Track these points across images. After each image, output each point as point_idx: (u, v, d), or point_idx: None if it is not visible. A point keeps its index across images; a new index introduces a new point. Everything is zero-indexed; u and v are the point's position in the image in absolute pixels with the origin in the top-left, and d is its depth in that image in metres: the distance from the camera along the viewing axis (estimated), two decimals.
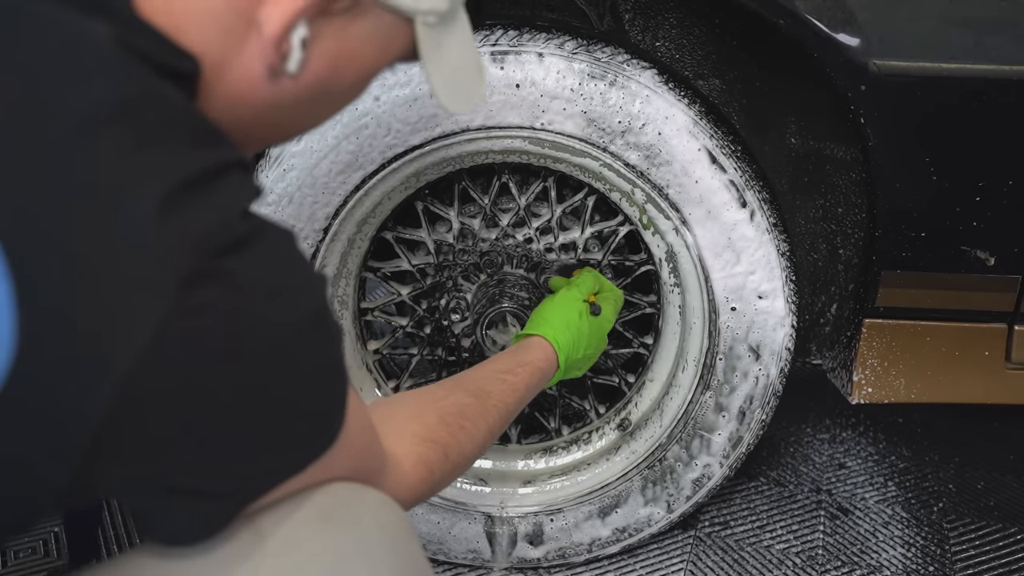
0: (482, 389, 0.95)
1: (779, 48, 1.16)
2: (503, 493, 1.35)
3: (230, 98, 0.58)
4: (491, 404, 0.94)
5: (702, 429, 1.28)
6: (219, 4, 0.56)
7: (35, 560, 1.38)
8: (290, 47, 0.58)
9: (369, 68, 0.66)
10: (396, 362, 1.44)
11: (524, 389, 1.01)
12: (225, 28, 0.56)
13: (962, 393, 1.25)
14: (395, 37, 0.65)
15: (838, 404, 1.87)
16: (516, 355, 1.07)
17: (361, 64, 0.65)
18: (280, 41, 0.58)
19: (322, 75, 0.62)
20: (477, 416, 0.91)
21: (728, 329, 1.22)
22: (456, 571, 1.39)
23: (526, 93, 1.11)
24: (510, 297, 1.25)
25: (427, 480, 0.81)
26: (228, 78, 0.58)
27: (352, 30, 0.62)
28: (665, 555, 1.41)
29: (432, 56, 0.66)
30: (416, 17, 0.64)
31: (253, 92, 0.59)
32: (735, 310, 1.21)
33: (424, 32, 0.65)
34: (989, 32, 1.04)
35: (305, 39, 0.59)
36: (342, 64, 0.63)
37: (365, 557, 0.63)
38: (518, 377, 1.01)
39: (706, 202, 1.16)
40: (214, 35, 0.56)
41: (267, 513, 0.61)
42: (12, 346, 0.45)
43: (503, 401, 0.96)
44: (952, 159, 1.10)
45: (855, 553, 1.44)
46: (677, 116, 1.12)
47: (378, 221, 1.25)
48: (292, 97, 0.61)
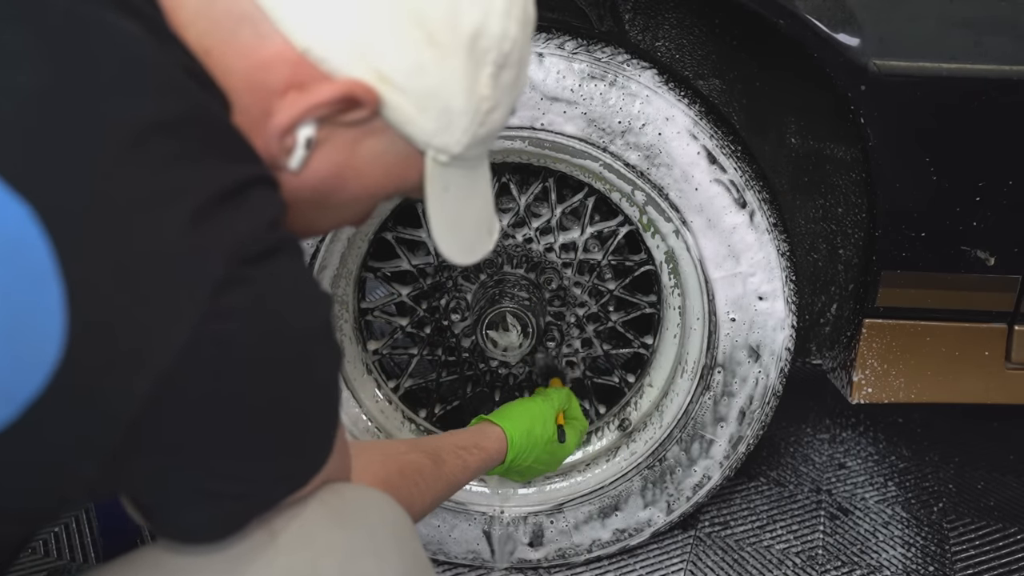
0: (440, 457, 0.97)
1: (779, 48, 1.16)
2: (503, 494, 1.35)
3: None
4: (444, 472, 0.96)
5: (702, 429, 1.28)
6: (241, 83, 0.58)
7: (35, 560, 1.39)
8: (294, 143, 0.60)
9: (373, 189, 0.66)
10: (396, 362, 1.44)
11: (473, 470, 1.04)
12: (245, 107, 0.59)
13: (962, 393, 1.25)
14: (404, 165, 0.65)
15: (838, 404, 1.87)
16: (475, 437, 1.09)
17: (365, 182, 0.65)
18: (284, 134, 0.59)
19: (324, 182, 0.63)
20: (431, 479, 0.93)
21: (728, 330, 1.22)
22: (456, 571, 1.39)
23: (526, 94, 1.11)
24: (510, 297, 1.24)
25: None
26: None
27: (363, 146, 0.63)
28: (665, 555, 1.41)
29: (436, 195, 0.66)
30: (427, 151, 0.64)
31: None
32: (735, 311, 1.21)
33: (433, 169, 0.65)
34: (989, 32, 1.04)
35: (311, 139, 0.60)
36: (346, 176, 0.64)
37: (374, 554, 0.65)
38: (472, 457, 1.04)
39: (706, 201, 1.16)
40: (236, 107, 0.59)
41: (279, 512, 0.63)
42: (62, 343, 0.47)
43: (454, 474, 0.99)
44: (952, 159, 1.10)
45: (855, 553, 1.44)
46: (677, 116, 1.12)
47: (378, 221, 1.25)
48: (291, 194, 0.61)
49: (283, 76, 0.58)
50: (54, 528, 1.44)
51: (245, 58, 0.58)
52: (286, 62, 0.58)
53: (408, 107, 0.61)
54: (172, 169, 0.51)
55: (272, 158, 0.60)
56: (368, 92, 0.59)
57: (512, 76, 0.65)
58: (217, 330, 0.51)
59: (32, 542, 0.63)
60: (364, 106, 0.60)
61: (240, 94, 0.58)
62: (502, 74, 0.64)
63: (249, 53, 0.58)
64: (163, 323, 0.50)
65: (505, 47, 0.63)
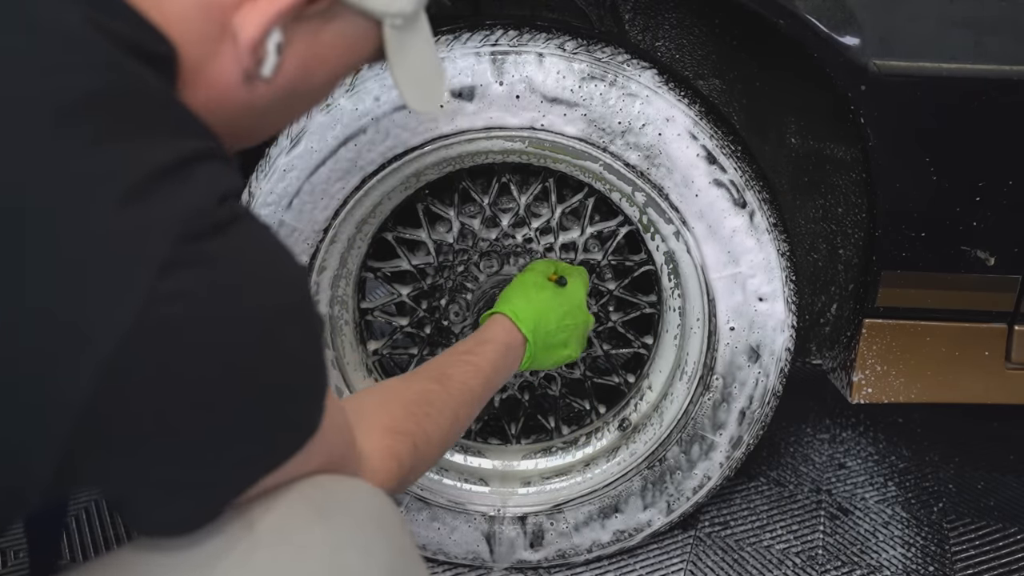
0: (444, 374, 0.94)
1: (779, 48, 1.16)
2: (503, 493, 1.35)
3: (206, 101, 0.59)
4: (455, 387, 0.93)
5: (702, 430, 1.28)
6: (192, 9, 0.57)
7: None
8: (266, 52, 0.59)
9: (338, 69, 0.68)
10: (396, 362, 1.44)
11: (490, 368, 0.99)
12: (200, 32, 0.57)
13: (962, 393, 1.25)
14: (363, 39, 0.66)
15: (838, 404, 1.87)
16: (477, 336, 1.05)
17: (331, 65, 0.66)
18: (256, 47, 0.59)
19: (294, 78, 0.63)
20: (441, 402, 0.90)
21: (727, 330, 1.22)
22: (456, 571, 1.39)
23: (526, 95, 1.11)
24: None
25: (397, 474, 0.80)
26: (203, 82, 0.59)
27: (323, 33, 0.63)
28: (665, 555, 1.41)
29: (398, 59, 0.69)
30: (384, 20, 0.66)
31: (228, 96, 0.60)
32: (734, 311, 1.21)
33: (391, 34, 0.67)
34: (989, 32, 1.04)
35: (280, 44, 0.60)
36: (313, 66, 0.64)
37: (358, 548, 0.62)
38: (481, 357, 1.00)
39: (705, 201, 1.16)
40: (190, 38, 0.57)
41: (257, 505, 0.60)
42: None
43: (466, 383, 0.95)
44: (952, 159, 1.10)
45: (855, 553, 1.44)
46: (677, 116, 1.12)
47: (378, 221, 1.25)
48: (265, 101, 0.62)
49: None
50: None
51: None
52: None
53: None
54: (102, 147, 0.49)
55: (245, 72, 0.60)
56: None
57: None
58: (164, 314, 0.48)
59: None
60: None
61: (192, 24, 0.57)
62: None
63: None
64: (102, 309, 0.47)
65: None
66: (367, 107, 1.11)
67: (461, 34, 1.11)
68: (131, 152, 0.50)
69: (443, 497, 1.34)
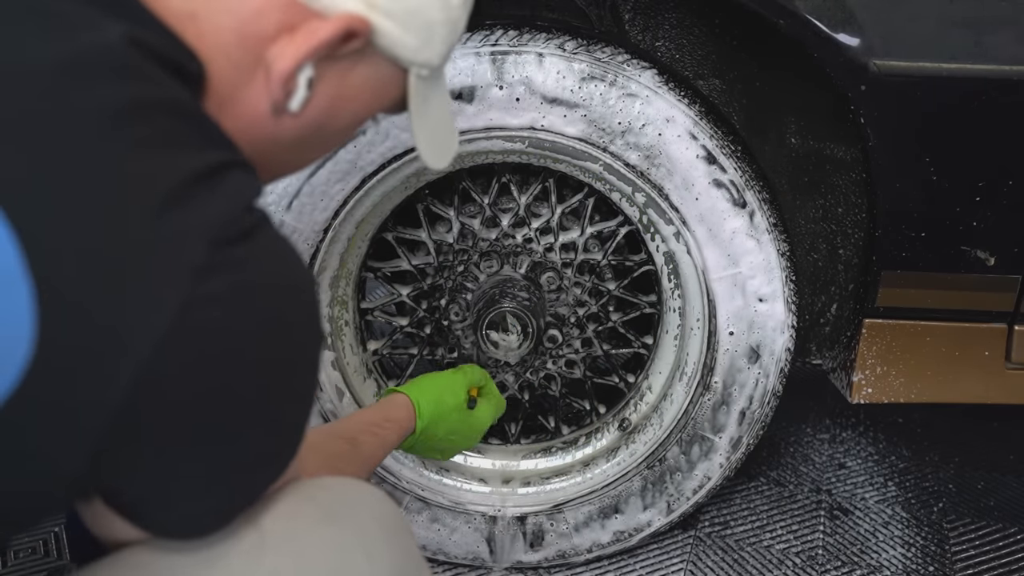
0: (355, 439, 0.97)
1: (779, 48, 1.16)
2: (503, 493, 1.35)
3: (232, 129, 0.60)
4: (363, 453, 0.97)
5: (702, 430, 1.28)
6: (230, 35, 0.59)
7: (35, 560, 1.38)
8: (296, 86, 0.62)
9: (362, 113, 0.70)
10: (396, 362, 1.44)
11: (389, 443, 1.04)
12: (235, 59, 0.59)
13: (962, 393, 1.25)
14: (390, 85, 0.69)
15: (838, 404, 1.87)
16: (383, 410, 1.08)
17: (356, 108, 0.68)
18: (288, 79, 0.61)
19: (320, 115, 0.65)
20: (350, 463, 0.93)
21: (727, 330, 1.22)
22: (456, 571, 1.39)
23: (526, 96, 1.11)
24: (510, 297, 1.24)
25: None
26: (231, 109, 0.61)
27: (352, 75, 0.65)
28: (665, 555, 1.41)
29: (419, 109, 0.71)
30: (411, 69, 0.68)
31: (255, 126, 0.62)
32: (734, 312, 1.21)
33: (415, 84, 0.69)
34: (989, 32, 1.04)
35: (311, 79, 0.62)
36: (340, 106, 0.66)
37: (364, 550, 0.64)
38: (385, 432, 1.04)
39: (705, 201, 1.16)
40: (224, 63, 0.59)
41: (265, 507, 0.62)
42: (32, 340, 0.47)
43: (373, 453, 0.99)
44: (952, 159, 1.10)
45: (855, 553, 1.43)
46: (677, 116, 1.12)
47: (378, 221, 1.25)
48: (290, 135, 0.64)
49: (274, 21, 0.60)
50: (54, 528, 1.44)
51: (233, 11, 0.59)
52: (276, 6, 0.60)
53: (395, 29, 0.64)
54: (140, 155, 0.51)
55: (275, 103, 0.62)
56: (363, 23, 0.62)
57: None
58: (201, 318, 0.50)
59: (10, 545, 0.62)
60: (360, 37, 0.62)
61: (229, 50, 0.59)
62: None
63: (237, 5, 0.59)
64: (140, 313, 0.49)
65: None
66: None
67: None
68: (168, 159, 0.52)
69: (443, 497, 1.34)
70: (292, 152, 0.69)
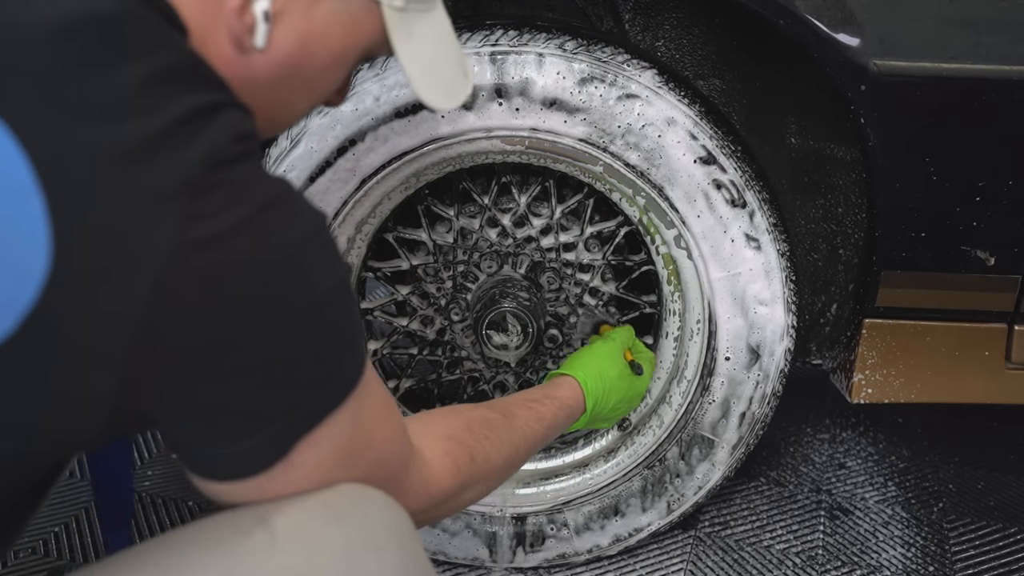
0: (509, 411, 0.96)
1: (779, 48, 1.16)
2: (503, 493, 1.35)
3: None
4: (517, 425, 0.95)
5: (702, 430, 1.28)
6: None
7: (35, 560, 1.39)
8: (253, 19, 0.62)
9: (340, 50, 0.68)
10: (397, 362, 1.44)
11: (550, 419, 1.02)
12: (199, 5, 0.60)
13: (962, 393, 1.25)
14: (362, 19, 0.67)
15: (838, 404, 1.87)
16: (546, 389, 1.08)
17: (331, 45, 0.67)
18: (242, 12, 0.61)
19: (292, 53, 0.65)
20: (503, 431, 0.91)
21: (727, 330, 1.22)
22: (456, 571, 1.39)
23: (528, 94, 1.11)
24: (511, 297, 1.24)
25: (454, 474, 0.81)
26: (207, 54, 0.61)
27: (317, 9, 0.65)
28: (665, 555, 1.41)
29: (404, 44, 0.69)
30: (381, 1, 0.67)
31: (228, 68, 0.62)
32: (734, 311, 1.21)
33: (392, 16, 0.67)
34: (989, 32, 1.04)
35: (267, 12, 0.62)
36: (311, 43, 0.65)
37: (373, 553, 0.64)
38: (545, 407, 1.02)
39: (705, 201, 1.16)
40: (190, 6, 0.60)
41: (278, 510, 0.62)
42: (49, 253, 0.49)
43: (528, 425, 0.97)
44: (952, 159, 1.10)
45: (855, 553, 1.44)
46: (677, 117, 1.12)
47: (378, 221, 1.25)
48: (265, 75, 0.64)
49: None
50: (54, 528, 1.44)
51: None
52: None
53: None
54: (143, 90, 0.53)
55: (237, 40, 0.62)
56: None
57: None
58: (203, 235, 0.52)
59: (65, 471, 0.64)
60: None
61: None
62: None
63: None
64: (147, 229, 0.51)
65: None
66: (367, 107, 1.11)
67: (461, 34, 1.11)
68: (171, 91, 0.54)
69: None
70: (278, 95, 0.68)
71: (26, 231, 0.49)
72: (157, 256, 0.51)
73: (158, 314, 0.51)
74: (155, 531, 1.45)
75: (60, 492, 1.52)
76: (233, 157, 0.55)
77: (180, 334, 0.53)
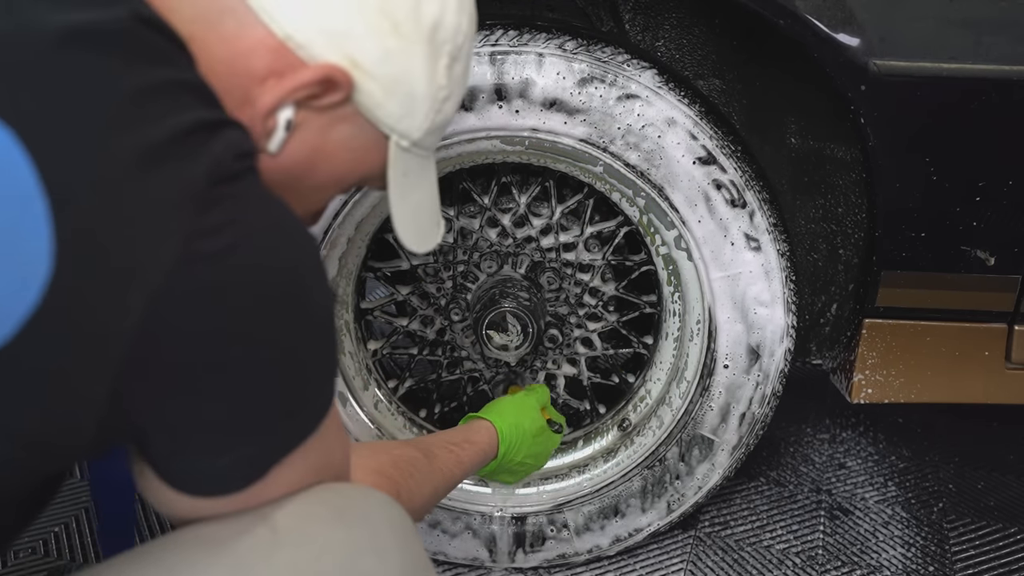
0: (432, 452, 0.98)
1: (779, 48, 1.16)
2: (503, 494, 1.35)
3: None
4: (438, 466, 0.97)
5: (702, 430, 1.28)
6: (222, 68, 0.62)
7: (35, 560, 1.39)
8: (275, 125, 0.65)
9: (340, 174, 0.72)
10: (396, 362, 1.44)
11: (468, 463, 1.05)
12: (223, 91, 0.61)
13: (962, 393, 1.25)
14: (370, 150, 0.71)
15: (838, 404, 1.87)
16: (464, 432, 1.10)
17: (335, 165, 0.70)
18: (268, 115, 0.64)
19: (298, 165, 0.68)
20: (426, 472, 0.93)
21: (727, 330, 1.22)
22: (456, 571, 1.39)
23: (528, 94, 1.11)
24: (511, 297, 1.24)
25: None
26: None
27: (334, 131, 0.68)
28: (665, 555, 1.41)
29: (398, 182, 0.73)
30: (392, 136, 0.70)
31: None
32: (734, 311, 1.21)
33: (396, 154, 0.71)
34: (989, 32, 1.04)
35: (290, 121, 0.65)
36: (318, 160, 0.69)
37: (375, 552, 0.65)
38: (465, 452, 1.05)
39: (705, 201, 1.16)
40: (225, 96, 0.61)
41: (280, 510, 0.63)
42: (51, 260, 0.49)
43: (448, 468, 0.99)
44: (952, 159, 1.10)
45: (855, 553, 1.43)
46: (677, 116, 1.12)
47: (377, 221, 1.25)
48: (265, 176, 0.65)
49: (264, 63, 0.63)
50: (54, 528, 1.44)
51: (228, 46, 0.63)
52: (267, 49, 0.63)
53: (377, 92, 0.67)
54: (147, 102, 0.54)
55: (254, 140, 0.63)
56: (344, 75, 0.65)
57: (462, 69, 0.74)
58: (206, 249, 0.53)
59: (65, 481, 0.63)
60: (340, 88, 0.65)
61: (220, 79, 0.61)
62: (455, 65, 0.72)
63: (232, 41, 0.63)
64: (150, 241, 0.51)
65: (459, 40, 0.71)
66: None
67: None
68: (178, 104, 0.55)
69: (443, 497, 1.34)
70: None
71: (28, 237, 0.49)
72: (159, 267, 0.51)
73: (155, 325, 0.52)
74: (156, 533, 1.45)
75: (60, 492, 1.52)
76: (236, 173, 0.56)
77: (176, 346, 0.53)
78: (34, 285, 0.49)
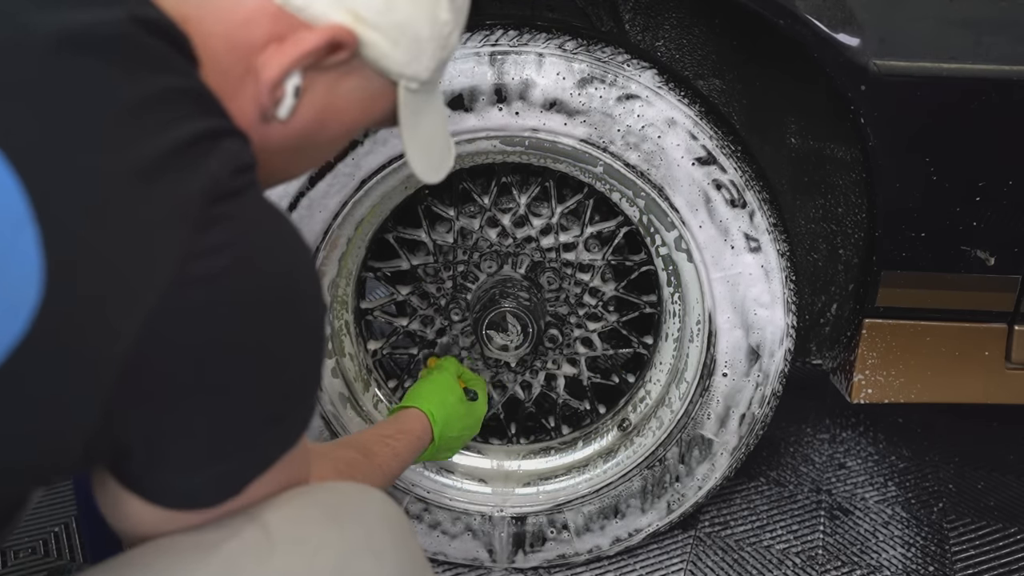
0: (369, 449, 0.98)
1: (779, 48, 1.16)
2: (503, 493, 1.35)
3: None
4: (377, 463, 0.97)
5: (701, 431, 1.28)
6: (220, 44, 0.61)
7: (35, 560, 1.38)
8: (284, 93, 0.63)
9: (351, 125, 0.71)
10: (396, 362, 1.44)
11: (404, 454, 1.05)
12: (224, 68, 0.61)
13: (962, 393, 1.25)
14: (379, 98, 0.70)
15: (838, 404, 1.87)
16: (396, 423, 1.10)
17: (345, 119, 0.70)
18: (275, 86, 0.63)
19: (309, 125, 0.67)
20: (367, 471, 0.93)
21: (727, 330, 1.22)
22: (456, 571, 1.39)
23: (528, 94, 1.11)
24: (511, 297, 1.24)
25: None
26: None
27: (342, 86, 0.67)
28: (665, 555, 1.41)
29: (409, 122, 0.72)
30: (400, 81, 0.69)
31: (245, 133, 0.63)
32: (734, 311, 1.20)
33: (405, 97, 0.70)
34: (989, 32, 1.04)
35: (299, 87, 0.64)
36: (328, 117, 0.68)
37: (371, 552, 0.64)
38: (400, 443, 1.05)
39: (705, 201, 1.16)
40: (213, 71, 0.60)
41: (273, 510, 0.62)
42: (40, 285, 0.48)
43: (387, 463, 1.00)
44: (952, 159, 1.10)
45: (855, 553, 1.43)
46: (677, 116, 1.12)
47: (377, 221, 1.25)
48: (279, 143, 0.66)
49: (264, 30, 0.62)
50: (54, 528, 1.44)
51: (224, 20, 0.61)
52: (266, 15, 0.62)
53: (383, 42, 0.66)
54: (144, 114, 0.53)
55: (262, 110, 0.63)
56: (349, 34, 0.63)
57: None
58: (203, 268, 0.52)
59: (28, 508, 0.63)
60: (346, 48, 0.64)
61: (219, 56, 0.61)
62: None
63: (228, 13, 0.61)
64: (144, 264, 0.50)
65: None
66: None
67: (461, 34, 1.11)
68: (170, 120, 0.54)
69: (444, 497, 1.34)
70: (283, 160, 0.69)
71: (18, 263, 0.48)
72: (153, 290, 0.51)
73: (148, 347, 0.51)
74: None
75: (60, 492, 1.52)
76: (234, 190, 0.55)
77: (168, 362, 0.53)
78: (23, 312, 0.48)
